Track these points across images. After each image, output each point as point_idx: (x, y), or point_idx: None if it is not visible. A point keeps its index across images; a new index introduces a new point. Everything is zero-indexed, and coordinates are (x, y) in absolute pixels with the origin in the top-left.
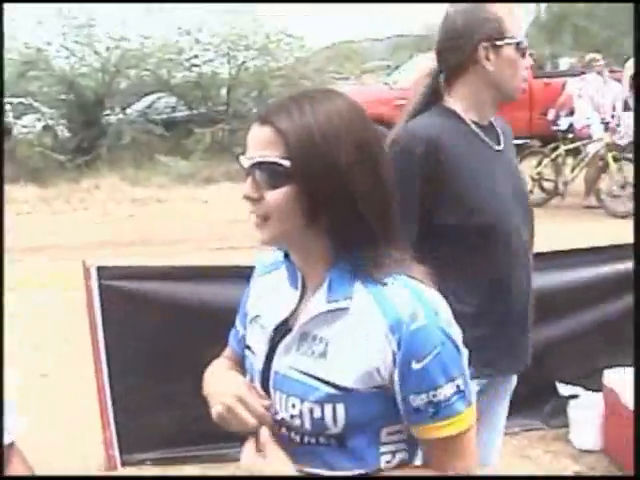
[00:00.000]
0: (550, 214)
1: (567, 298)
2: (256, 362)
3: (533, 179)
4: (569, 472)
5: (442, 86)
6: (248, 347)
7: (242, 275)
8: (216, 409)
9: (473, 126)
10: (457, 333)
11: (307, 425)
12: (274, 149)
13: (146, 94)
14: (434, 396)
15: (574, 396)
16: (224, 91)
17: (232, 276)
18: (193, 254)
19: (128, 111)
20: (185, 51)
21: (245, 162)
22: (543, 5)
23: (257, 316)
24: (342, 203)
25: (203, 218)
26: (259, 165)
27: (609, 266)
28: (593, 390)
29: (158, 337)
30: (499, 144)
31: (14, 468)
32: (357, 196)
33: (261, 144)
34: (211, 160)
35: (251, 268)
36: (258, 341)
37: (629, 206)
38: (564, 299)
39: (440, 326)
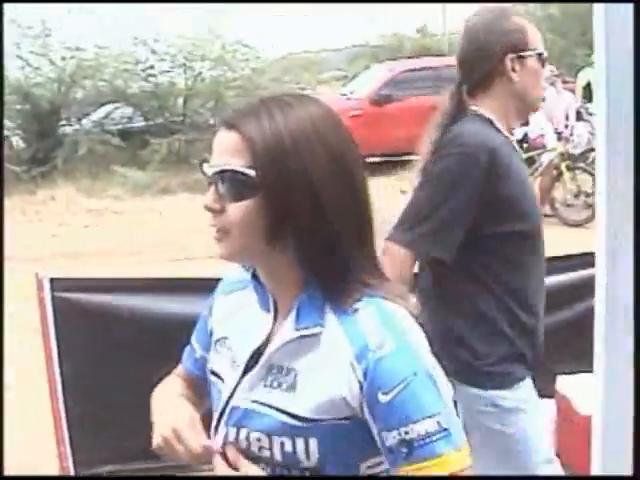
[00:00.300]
0: None
1: None
2: (225, 392)
3: None
4: None
5: (465, 97)
6: (214, 373)
7: (200, 287)
8: (155, 439)
9: (509, 136)
10: (433, 364)
11: (278, 457)
12: (239, 157)
13: (102, 104)
14: (406, 433)
15: None
16: (181, 101)
17: (189, 288)
18: (149, 265)
19: (84, 121)
20: (141, 61)
21: (208, 170)
22: None
23: (224, 338)
24: (312, 220)
25: (159, 229)
26: (222, 174)
27: (563, 275)
28: (546, 397)
29: (113, 350)
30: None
31: None
32: (329, 213)
33: (226, 151)
34: (167, 171)
35: (209, 280)
36: (227, 370)
37: (583, 215)
38: None
39: (411, 355)
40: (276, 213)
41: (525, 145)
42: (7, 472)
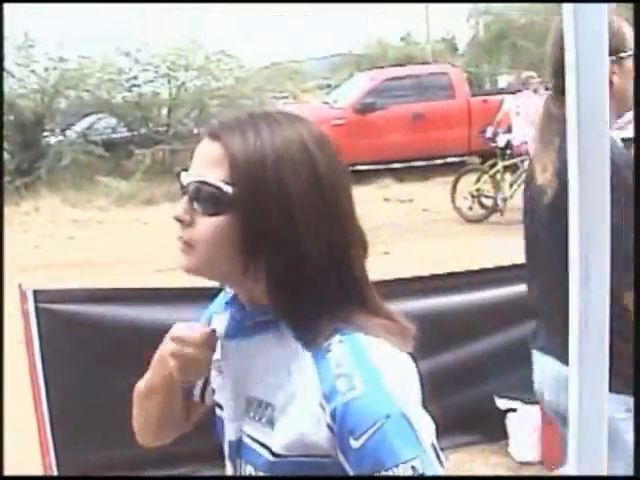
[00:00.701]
0: (489, 230)
1: (505, 312)
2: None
3: (472, 195)
4: None
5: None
6: (219, 406)
7: (186, 297)
8: (167, 367)
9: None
10: (411, 405)
11: None
12: (218, 170)
13: (86, 115)
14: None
15: (512, 409)
16: (164, 111)
17: (175, 298)
18: (134, 276)
19: (68, 132)
20: (125, 71)
21: (184, 179)
22: (482, 24)
23: (218, 360)
24: (285, 247)
25: (144, 239)
26: (198, 185)
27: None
28: (530, 403)
29: (98, 360)
30: None
31: None
32: (304, 241)
33: (206, 162)
34: (152, 181)
35: (195, 290)
36: (224, 398)
37: None
38: (503, 313)
39: (384, 396)
40: (247, 234)
41: (509, 152)
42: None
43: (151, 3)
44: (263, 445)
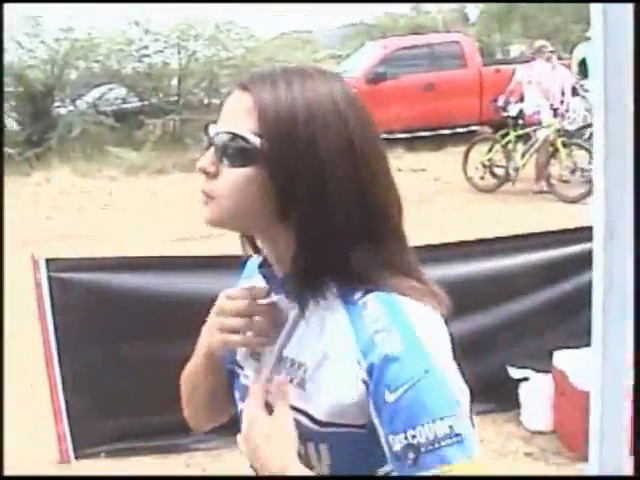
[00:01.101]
0: (501, 200)
1: (518, 281)
2: (246, 383)
3: (484, 165)
4: (520, 454)
5: None
6: (236, 363)
7: (196, 265)
8: (216, 339)
9: None
10: (448, 364)
11: None
12: (246, 121)
13: (96, 85)
14: (413, 437)
15: (525, 378)
16: (175, 82)
17: (185, 266)
18: (144, 246)
19: (78, 103)
20: (135, 42)
21: (211, 130)
22: None
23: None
24: (313, 202)
25: (154, 209)
26: (224, 136)
27: (559, 249)
28: (543, 372)
29: (109, 328)
30: None
31: None
32: (335, 196)
33: (234, 113)
34: (162, 151)
35: (206, 258)
36: (247, 360)
37: (579, 191)
38: (515, 282)
39: (422, 352)
40: (275, 189)
41: (521, 122)
42: (7, 470)
43: None
44: (292, 407)
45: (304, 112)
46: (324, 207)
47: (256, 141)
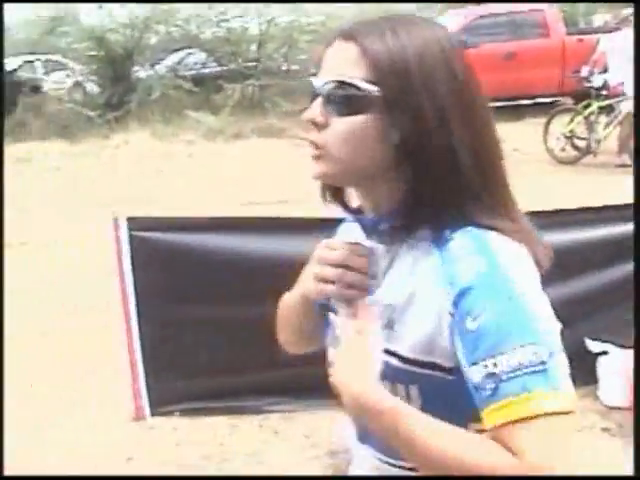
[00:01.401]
0: (581, 172)
1: (598, 253)
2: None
3: (565, 137)
4: (597, 429)
5: None
6: (326, 306)
7: (269, 227)
8: (312, 286)
9: None
10: (533, 294)
11: None
12: (355, 70)
13: (175, 50)
14: (494, 365)
15: (603, 352)
16: (254, 47)
17: (259, 228)
18: (221, 209)
19: (157, 67)
20: (214, 6)
21: (317, 81)
22: None
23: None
24: (433, 151)
25: (231, 173)
26: (333, 85)
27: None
28: (622, 346)
29: (187, 288)
30: None
31: None
32: (452, 146)
33: (341, 62)
34: (240, 116)
35: (282, 220)
36: (341, 305)
37: None
38: (595, 254)
39: (505, 279)
40: (393, 135)
41: (604, 93)
42: (87, 409)
43: None
44: (386, 351)
45: (416, 59)
46: (441, 153)
47: (371, 89)
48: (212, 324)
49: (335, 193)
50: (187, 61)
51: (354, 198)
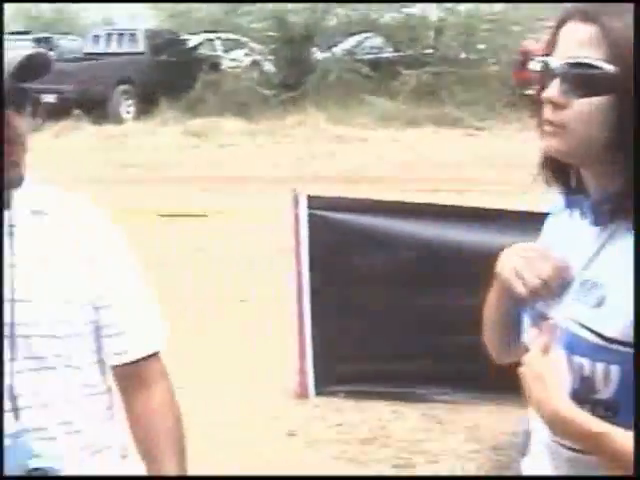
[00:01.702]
0: None
1: None
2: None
3: None
4: None
5: None
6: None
7: (451, 215)
8: (514, 283)
9: None
10: None
11: (574, 383)
12: (597, 50)
13: (353, 34)
14: None
15: None
16: (432, 33)
17: (442, 215)
18: (393, 194)
19: (335, 50)
20: None
21: (553, 62)
22: None
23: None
24: None
25: (405, 160)
26: (573, 66)
27: None
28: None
29: (362, 270)
30: None
31: (153, 379)
32: None
33: (579, 43)
34: (415, 103)
35: (458, 208)
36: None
37: None
38: None
39: None
40: (626, 116)
41: None
42: (251, 381)
43: None
44: (585, 327)
45: None
46: None
47: (612, 69)
48: (384, 308)
49: (558, 174)
50: (364, 45)
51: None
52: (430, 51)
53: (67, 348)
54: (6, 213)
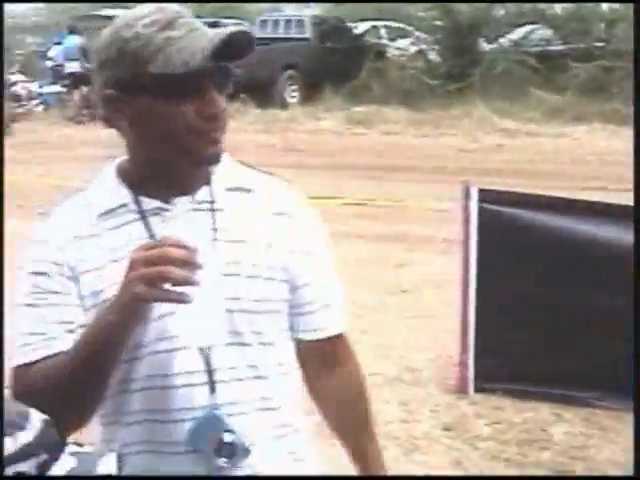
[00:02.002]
0: None
1: None
2: None
3: None
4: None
5: None
6: None
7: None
8: None
9: None
10: None
11: None
12: None
13: (520, 25)
14: None
15: None
16: (603, 26)
17: (608, 214)
18: (558, 191)
19: (501, 40)
20: None
21: None
22: None
23: None
24: None
25: (573, 156)
26: None
27: None
28: None
29: (531, 267)
30: None
31: (345, 356)
32: None
33: None
34: (584, 97)
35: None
36: None
37: None
38: None
39: None
40: None
41: None
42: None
43: None
44: None
45: None
46: None
47: None
48: (550, 307)
49: None
50: (532, 37)
51: None
52: (601, 44)
53: (264, 325)
54: (206, 189)
